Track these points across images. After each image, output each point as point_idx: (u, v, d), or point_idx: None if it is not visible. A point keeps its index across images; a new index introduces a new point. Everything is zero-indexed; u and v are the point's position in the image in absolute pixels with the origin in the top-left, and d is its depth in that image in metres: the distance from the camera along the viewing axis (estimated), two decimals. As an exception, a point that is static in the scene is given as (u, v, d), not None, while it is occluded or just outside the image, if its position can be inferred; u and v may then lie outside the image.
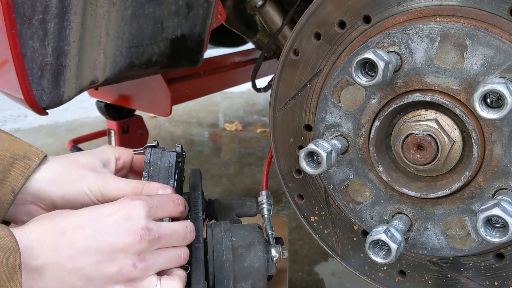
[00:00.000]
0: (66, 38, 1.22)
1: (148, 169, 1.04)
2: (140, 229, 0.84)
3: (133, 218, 0.85)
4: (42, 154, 0.94)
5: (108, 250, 0.82)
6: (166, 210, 0.93)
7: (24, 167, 0.91)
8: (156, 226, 0.88)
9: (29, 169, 0.92)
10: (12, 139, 0.94)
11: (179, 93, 2.23)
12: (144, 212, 0.87)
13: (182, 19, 1.55)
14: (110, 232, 0.83)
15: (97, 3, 1.27)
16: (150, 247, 0.86)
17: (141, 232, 0.84)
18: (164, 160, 1.05)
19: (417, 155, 0.89)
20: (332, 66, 1.00)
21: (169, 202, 0.95)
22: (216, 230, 1.08)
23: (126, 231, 0.83)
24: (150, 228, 0.86)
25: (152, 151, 1.05)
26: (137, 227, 0.84)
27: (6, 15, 1.10)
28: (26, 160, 0.92)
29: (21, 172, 0.91)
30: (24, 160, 0.92)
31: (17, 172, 0.91)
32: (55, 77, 1.24)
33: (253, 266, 1.05)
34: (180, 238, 0.92)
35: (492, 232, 0.78)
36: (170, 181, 1.04)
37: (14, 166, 0.91)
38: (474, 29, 0.83)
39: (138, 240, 0.84)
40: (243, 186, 2.89)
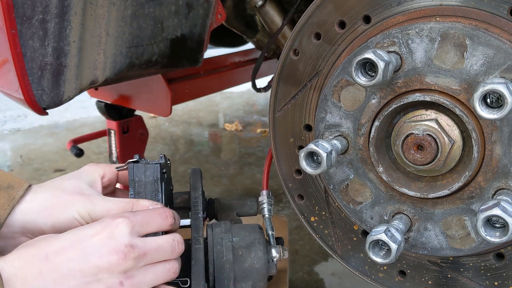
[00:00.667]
0: (66, 38, 1.22)
1: (134, 186, 1.02)
2: (124, 246, 0.84)
3: (116, 236, 0.84)
4: (26, 183, 0.94)
5: (93, 272, 0.81)
6: (153, 225, 0.92)
7: (8, 197, 0.91)
8: (141, 242, 0.87)
9: (13, 199, 0.91)
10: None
11: (179, 93, 2.23)
12: (127, 229, 0.86)
13: (182, 19, 1.55)
14: (94, 253, 0.82)
15: (97, 3, 1.27)
16: (136, 264, 0.85)
17: (124, 250, 0.83)
18: (148, 174, 1.02)
19: (417, 155, 0.89)
20: (332, 66, 1.00)
21: (155, 216, 0.93)
22: (217, 230, 1.08)
23: (110, 251, 0.83)
24: (134, 245, 0.85)
25: (134, 167, 1.02)
26: (120, 245, 0.84)
27: (6, 15, 1.10)
28: (10, 190, 0.91)
29: (5, 202, 0.90)
30: (8, 190, 0.91)
31: (1, 202, 0.90)
32: (55, 77, 1.24)
33: (253, 266, 1.05)
34: (168, 252, 0.91)
35: (492, 232, 0.78)
36: (158, 194, 1.02)
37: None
38: (474, 29, 0.83)
39: (122, 258, 0.83)
40: (243, 186, 2.89)
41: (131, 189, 1.02)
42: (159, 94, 2.07)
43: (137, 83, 2.03)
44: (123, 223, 0.86)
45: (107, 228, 0.85)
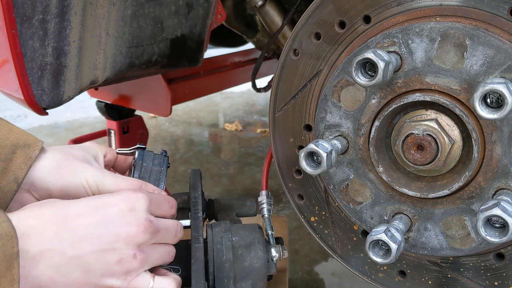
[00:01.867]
0: (66, 38, 1.22)
1: (140, 170, 1.04)
2: (144, 220, 0.85)
3: (136, 209, 0.85)
4: (41, 142, 0.94)
5: (110, 240, 0.82)
6: (162, 210, 0.94)
7: (25, 156, 0.90)
8: (156, 221, 0.88)
9: (30, 158, 0.90)
10: (11, 127, 0.92)
11: (179, 93, 2.23)
12: (146, 206, 0.87)
13: (182, 19, 1.55)
14: (113, 222, 0.83)
15: (97, 3, 1.27)
16: (150, 240, 0.86)
17: (145, 223, 0.85)
18: (156, 162, 1.05)
19: (417, 155, 0.89)
20: (332, 66, 1.00)
21: (165, 202, 0.95)
22: (216, 230, 1.08)
23: (130, 222, 0.84)
24: (152, 220, 0.86)
25: (144, 152, 1.05)
26: (140, 218, 0.85)
27: (6, 15, 1.10)
28: (27, 148, 0.91)
29: (23, 161, 0.90)
30: (25, 149, 0.90)
31: (19, 161, 0.89)
32: (55, 77, 1.24)
33: (253, 266, 1.05)
34: (173, 235, 0.93)
35: (492, 232, 0.78)
36: (160, 184, 1.05)
37: (16, 155, 0.89)
38: (474, 29, 0.83)
39: (142, 231, 0.84)
40: (243, 186, 2.89)
41: (136, 172, 1.04)
42: (159, 94, 2.07)
43: (137, 83, 2.03)
44: (143, 198, 0.87)
45: (129, 200, 0.86)
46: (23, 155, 0.90)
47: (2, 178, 0.88)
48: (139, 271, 0.85)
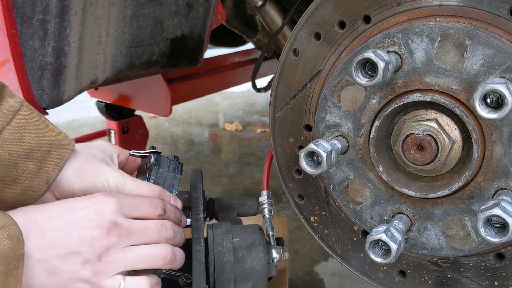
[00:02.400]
0: (66, 38, 1.22)
1: (156, 175, 1.04)
2: (109, 222, 0.84)
3: (103, 212, 0.84)
4: (73, 143, 0.93)
5: (76, 243, 0.81)
6: (141, 211, 0.91)
7: (59, 156, 0.89)
8: (127, 222, 0.86)
9: (63, 159, 0.90)
10: (47, 123, 0.91)
11: (179, 93, 2.23)
12: (115, 208, 0.86)
13: (182, 19, 1.55)
14: (80, 225, 0.82)
15: (97, 3, 1.27)
16: (118, 242, 0.84)
17: (109, 225, 0.83)
18: (171, 169, 1.06)
19: (417, 155, 0.89)
20: (332, 66, 1.00)
21: (147, 203, 0.93)
22: (217, 231, 1.08)
23: (95, 225, 0.83)
24: (119, 223, 0.85)
25: (161, 157, 1.06)
26: (105, 221, 0.84)
27: (6, 15, 1.10)
28: (61, 149, 0.90)
29: (56, 162, 0.89)
30: (59, 149, 0.90)
31: (52, 162, 0.89)
32: (55, 77, 1.24)
33: (254, 267, 1.05)
34: (155, 235, 0.90)
35: (492, 232, 0.78)
36: (174, 190, 1.06)
37: (51, 155, 0.89)
38: (474, 29, 0.83)
39: (105, 233, 0.83)
40: (243, 186, 2.89)
41: (152, 176, 1.04)
42: (159, 94, 2.07)
43: (137, 83, 2.03)
44: (112, 201, 0.86)
45: (97, 203, 0.85)
46: (57, 156, 0.89)
47: (35, 178, 0.87)
48: (108, 274, 0.83)
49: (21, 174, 0.86)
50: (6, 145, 0.83)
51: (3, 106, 0.84)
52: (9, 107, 0.85)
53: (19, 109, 0.86)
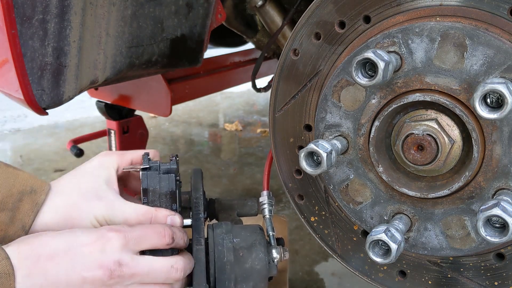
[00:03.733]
0: (66, 38, 1.22)
1: (148, 195, 0.99)
2: (112, 263, 0.83)
3: (106, 251, 0.84)
4: (47, 186, 0.93)
5: (77, 282, 0.81)
6: (148, 242, 0.90)
7: (32, 202, 0.90)
8: (133, 262, 0.85)
9: (37, 204, 0.91)
10: (17, 173, 0.92)
11: (179, 93, 2.23)
12: (119, 245, 0.85)
13: (182, 19, 1.55)
14: (82, 264, 0.82)
15: (97, 3, 1.27)
16: (121, 282, 0.84)
17: (111, 267, 0.83)
18: (163, 185, 1.00)
19: (417, 155, 0.89)
20: (332, 66, 1.00)
21: (153, 234, 0.91)
22: (218, 231, 1.08)
23: (98, 265, 0.82)
24: (124, 263, 0.84)
25: (148, 176, 0.99)
26: (109, 261, 0.83)
27: (6, 15, 1.10)
28: (34, 194, 0.91)
29: (30, 208, 0.90)
30: (31, 195, 0.90)
31: (26, 209, 0.89)
32: (55, 77, 1.24)
33: (254, 267, 1.05)
34: (161, 278, 0.89)
35: (492, 232, 0.78)
36: (173, 205, 1.01)
37: (23, 203, 0.89)
38: (474, 29, 0.83)
39: (107, 275, 0.82)
40: (243, 186, 2.89)
41: (145, 197, 1.00)
42: (159, 94, 2.07)
43: (137, 83, 2.03)
44: (116, 238, 0.85)
45: (100, 240, 0.84)
46: (30, 202, 0.90)
47: (10, 227, 0.88)
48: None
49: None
50: None
51: None
52: None
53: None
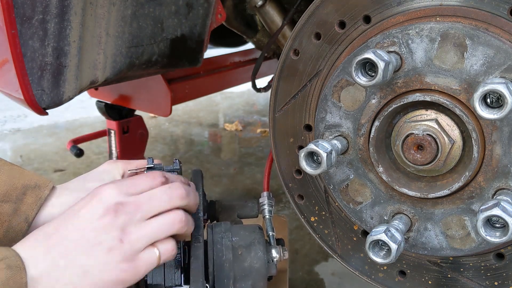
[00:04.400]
0: (66, 38, 1.22)
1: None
2: (113, 205, 0.84)
3: (103, 199, 0.85)
4: (51, 183, 0.96)
5: (92, 236, 0.82)
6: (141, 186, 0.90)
7: (36, 196, 0.93)
8: (132, 198, 0.86)
9: (40, 198, 0.93)
10: (22, 170, 0.95)
11: (179, 93, 2.23)
12: (115, 192, 0.86)
13: (182, 19, 1.55)
14: (88, 219, 0.83)
15: (97, 3, 1.27)
16: (130, 219, 0.85)
17: (114, 207, 0.84)
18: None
19: (417, 155, 0.89)
20: (332, 66, 1.00)
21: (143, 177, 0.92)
22: (216, 230, 1.08)
23: (101, 213, 0.83)
24: (123, 201, 0.85)
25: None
26: (109, 205, 0.84)
27: (6, 15, 1.10)
28: (37, 189, 0.93)
29: (33, 202, 0.92)
30: (35, 190, 0.93)
31: (29, 202, 0.92)
32: (55, 77, 1.24)
33: (253, 266, 1.05)
34: (165, 200, 0.89)
35: (492, 232, 0.78)
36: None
37: (26, 196, 0.92)
38: (474, 29, 0.83)
39: (113, 216, 0.83)
40: (243, 186, 2.89)
41: None
42: (159, 94, 2.07)
43: (137, 83, 2.03)
44: (109, 187, 0.87)
45: (95, 195, 0.86)
46: (33, 196, 0.92)
47: (13, 218, 0.90)
48: (137, 252, 0.84)
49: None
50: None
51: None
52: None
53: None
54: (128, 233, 0.84)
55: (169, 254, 0.88)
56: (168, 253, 0.88)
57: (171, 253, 0.88)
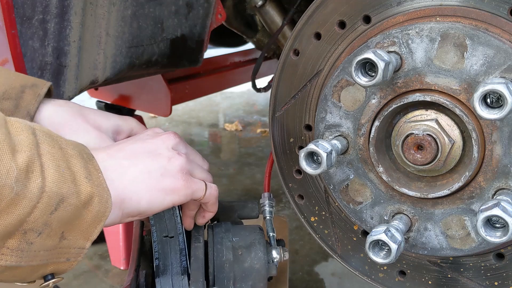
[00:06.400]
0: (66, 38, 1.22)
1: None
2: (168, 133, 0.95)
3: (157, 130, 0.97)
4: (48, 83, 1.00)
5: (153, 148, 0.89)
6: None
7: (34, 93, 0.97)
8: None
9: (39, 95, 0.97)
10: (18, 74, 0.99)
11: (179, 93, 2.23)
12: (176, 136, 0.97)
13: (182, 19, 1.55)
14: (146, 139, 0.92)
15: (97, 3, 1.27)
16: (180, 144, 0.94)
17: (169, 133, 0.95)
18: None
19: (417, 155, 0.89)
20: (332, 66, 1.00)
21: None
22: (217, 230, 1.08)
23: (158, 135, 0.94)
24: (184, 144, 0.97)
25: None
26: (162, 131, 0.96)
27: (6, 15, 1.10)
28: (35, 88, 0.98)
29: (32, 98, 0.96)
30: (33, 88, 0.97)
31: (29, 98, 0.96)
32: (55, 77, 1.24)
33: (253, 267, 1.05)
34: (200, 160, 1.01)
35: (492, 232, 0.78)
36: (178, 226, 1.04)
37: (25, 93, 0.96)
38: (474, 29, 0.83)
39: (171, 135, 0.94)
40: (243, 186, 2.89)
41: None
42: (159, 94, 2.07)
43: (137, 83, 2.03)
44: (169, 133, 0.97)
45: (150, 131, 0.97)
46: (31, 93, 0.97)
47: (16, 113, 0.95)
48: (190, 172, 0.92)
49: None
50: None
51: None
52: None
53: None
54: (182, 154, 0.92)
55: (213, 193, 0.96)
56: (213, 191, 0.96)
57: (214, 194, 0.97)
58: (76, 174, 0.71)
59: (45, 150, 0.69)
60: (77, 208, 0.70)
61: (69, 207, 0.69)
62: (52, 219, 0.67)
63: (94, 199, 0.72)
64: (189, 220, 1.04)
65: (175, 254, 1.00)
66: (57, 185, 0.67)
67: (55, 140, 0.72)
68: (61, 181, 0.68)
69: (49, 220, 0.67)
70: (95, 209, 0.72)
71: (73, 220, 0.70)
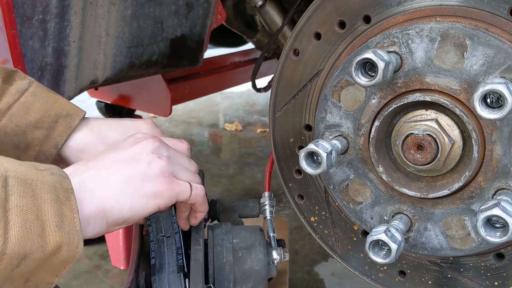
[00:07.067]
0: (66, 38, 1.22)
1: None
2: (149, 136, 0.94)
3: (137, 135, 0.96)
4: (82, 112, 1.03)
5: (132, 155, 0.88)
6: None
7: (66, 125, 1.00)
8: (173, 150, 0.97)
9: (70, 127, 1.00)
10: (56, 98, 1.01)
11: (179, 93, 2.23)
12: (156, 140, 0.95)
13: (182, 19, 1.55)
14: (126, 147, 0.91)
15: (97, 3, 1.27)
16: (161, 147, 0.92)
17: (150, 136, 0.94)
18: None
19: (417, 155, 0.89)
20: (332, 66, 1.00)
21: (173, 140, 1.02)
22: (217, 231, 1.08)
23: (138, 141, 0.92)
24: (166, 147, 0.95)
25: None
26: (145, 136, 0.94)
27: (6, 15, 1.10)
28: (69, 118, 1.01)
29: (63, 130, 1.00)
30: (66, 118, 1.00)
31: (60, 130, 0.99)
32: (55, 77, 1.25)
33: (253, 268, 1.05)
34: (187, 159, 0.99)
35: (492, 232, 0.78)
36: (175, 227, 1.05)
37: (58, 124, 0.99)
38: (474, 29, 0.83)
39: (150, 141, 0.91)
40: (243, 186, 2.89)
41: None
42: (159, 94, 2.07)
43: (137, 83, 2.03)
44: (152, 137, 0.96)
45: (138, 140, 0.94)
46: (64, 124, 1.00)
47: (44, 144, 0.99)
48: (174, 174, 0.90)
49: (31, 142, 0.98)
50: (13, 119, 0.96)
51: (12, 88, 0.97)
52: (18, 88, 0.97)
53: (27, 88, 0.98)
54: (163, 157, 0.91)
55: (199, 193, 0.94)
56: (198, 192, 0.94)
57: (200, 194, 0.95)
58: (45, 224, 0.69)
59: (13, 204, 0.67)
60: (42, 260, 0.69)
61: (32, 262, 0.67)
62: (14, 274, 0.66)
63: (63, 248, 0.70)
64: (183, 221, 1.03)
65: (171, 253, 1.00)
66: (20, 244, 0.65)
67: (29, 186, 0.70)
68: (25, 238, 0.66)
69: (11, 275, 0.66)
70: (63, 256, 0.71)
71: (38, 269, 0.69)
